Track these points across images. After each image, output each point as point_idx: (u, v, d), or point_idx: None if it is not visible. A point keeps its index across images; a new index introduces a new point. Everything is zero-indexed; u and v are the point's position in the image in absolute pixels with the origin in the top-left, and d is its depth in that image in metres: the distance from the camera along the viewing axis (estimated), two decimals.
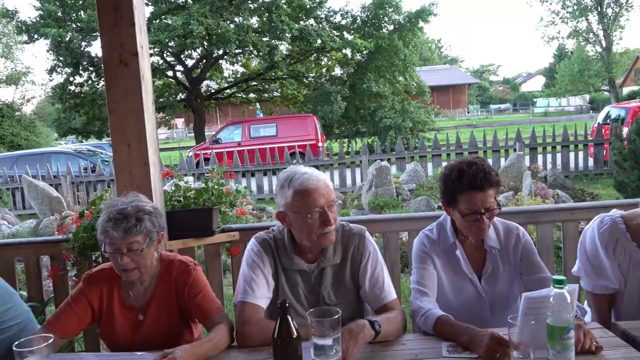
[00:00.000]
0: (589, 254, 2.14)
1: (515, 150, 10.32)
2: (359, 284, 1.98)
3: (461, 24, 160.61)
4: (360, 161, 10.80)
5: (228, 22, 16.96)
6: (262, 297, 1.88)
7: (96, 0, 2.56)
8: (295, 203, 1.84)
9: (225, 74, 21.37)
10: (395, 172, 9.70)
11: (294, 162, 11.33)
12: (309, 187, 1.82)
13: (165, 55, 18.30)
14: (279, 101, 20.82)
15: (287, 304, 1.47)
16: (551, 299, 1.50)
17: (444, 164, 10.54)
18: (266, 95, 21.05)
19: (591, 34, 33.40)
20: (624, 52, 34.90)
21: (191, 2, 16.66)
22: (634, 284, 2.07)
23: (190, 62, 19.28)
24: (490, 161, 10.73)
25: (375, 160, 9.14)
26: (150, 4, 17.32)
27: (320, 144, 14.32)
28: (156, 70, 18.03)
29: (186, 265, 1.98)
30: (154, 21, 16.93)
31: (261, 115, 23.62)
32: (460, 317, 1.90)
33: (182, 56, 18.52)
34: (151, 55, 17.84)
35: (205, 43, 16.83)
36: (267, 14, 17.02)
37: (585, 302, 2.33)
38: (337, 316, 1.48)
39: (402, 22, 18.73)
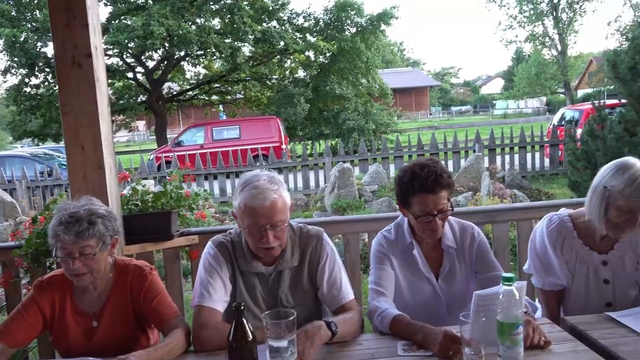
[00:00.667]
0: (538, 252, 2.21)
1: (474, 151, 10.56)
2: (317, 285, 1.99)
3: (423, 27, 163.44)
4: (324, 163, 10.84)
5: (189, 23, 16.74)
6: (220, 300, 1.87)
7: (48, 0, 2.49)
8: (239, 212, 1.85)
9: (188, 75, 21.08)
10: (358, 173, 9.78)
11: (257, 164, 11.28)
12: (252, 205, 1.80)
13: (125, 56, 17.91)
14: (242, 103, 20.68)
15: (242, 307, 1.46)
16: (500, 296, 1.55)
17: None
18: (229, 97, 20.87)
19: (547, 38, 34.54)
20: (578, 55, 36.27)
21: (151, 2, 16.38)
22: (580, 280, 2.16)
23: (151, 64, 18.94)
24: (450, 162, 11.03)
25: (339, 162, 9.19)
26: (109, 4, 16.93)
27: (283, 146, 14.31)
28: (116, 72, 17.63)
29: (142, 270, 1.94)
30: (113, 21, 16.55)
31: (224, 117, 23.41)
32: (418, 316, 1.93)
33: (142, 57, 18.16)
34: (110, 56, 17.46)
35: (167, 44, 16.57)
36: (229, 16, 16.89)
37: (537, 298, 2.41)
38: (292, 318, 1.49)
39: (365, 24, 18.93)
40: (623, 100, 7.12)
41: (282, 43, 17.45)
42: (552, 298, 2.21)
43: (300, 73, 19.87)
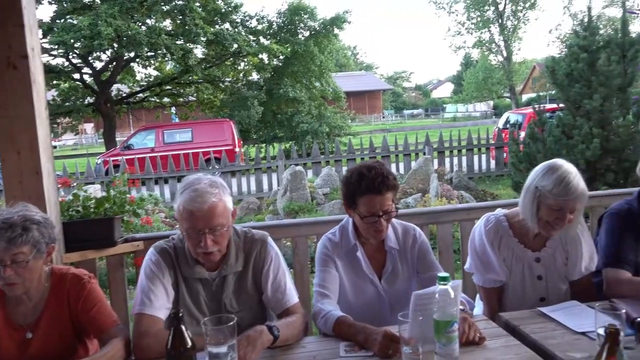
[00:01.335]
0: (477, 251, 2.30)
1: (424, 153, 10.81)
2: (261, 289, 2.00)
3: (376, 31, 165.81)
4: (277, 166, 10.83)
5: (139, 24, 16.35)
6: (161, 307, 1.84)
7: None
8: (179, 215, 1.84)
9: (138, 77, 20.56)
10: (311, 176, 9.82)
11: (210, 168, 11.15)
12: (190, 208, 1.78)
13: (70, 56, 17.29)
14: (195, 106, 20.37)
15: (180, 314, 1.45)
16: (436, 295, 1.60)
17: None
18: (181, 99, 20.50)
19: (493, 44, 35.74)
20: (522, 61, 37.71)
21: (99, 2, 15.88)
22: (516, 277, 2.26)
23: (99, 65, 18.36)
24: (401, 164, 11.25)
25: (292, 165, 9.20)
26: (53, 2, 16.30)
27: (237, 149, 14.19)
28: (61, 72, 16.99)
29: (80, 279, 1.89)
30: (58, 21, 15.95)
31: (177, 120, 22.98)
32: (361, 317, 1.97)
33: (89, 58, 17.58)
34: (55, 56, 16.82)
35: (115, 45, 16.10)
36: (180, 17, 16.61)
37: (478, 295, 2.50)
38: (232, 323, 1.49)
39: (318, 28, 19.03)
40: (561, 105, 7.47)
41: (235, 45, 17.30)
42: (492, 295, 2.30)
43: (254, 76, 19.76)
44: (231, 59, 18.79)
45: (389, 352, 1.67)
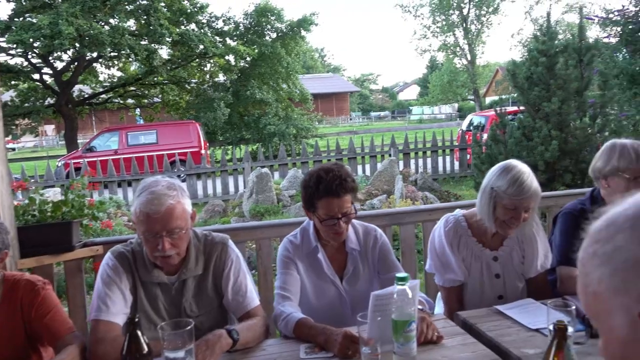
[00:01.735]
0: (437, 251, 2.34)
1: (390, 155, 10.92)
2: (222, 292, 1.98)
3: (343, 34, 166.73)
4: (243, 168, 10.76)
5: (102, 23, 16.00)
6: (118, 313, 1.80)
7: None
8: (135, 218, 1.81)
9: (101, 78, 20.11)
10: (277, 178, 9.80)
11: (175, 170, 10.99)
12: (147, 211, 1.75)
13: (30, 56, 16.77)
14: (160, 107, 20.05)
15: (136, 319, 1.43)
16: (394, 295, 1.62)
17: None
18: (146, 101, 20.16)
19: (458, 48, 36.42)
20: (485, 65, 38.58)
21: (60, 0, 15.47)
22: (475, 276, 2.31)
23: (60, 65, 17.87)
24: (368, 166, 11.33)
25: (258, 167, 9.16)
26: (11, 0, 15.79)
27: (203, 151, 14.04)
28: (20, 73, 16.47)
29: (33, 285, 1.84)
30: (17, 19, 15.45)
31: (142, 121, 22.57)
32: (323, 318, 1.98)
33: (50, 58, 17.09)
34: (13, 56, 16.29)
35: (77, 45, 15.70)
36: (144, 17, 16.32)
37: (438, 295, 2.54)
38: (189, 327, 1.48)
39: (285, 30, 19.02)
40: (522, 108, 7.67)
41: (201, 46, 17.11)
42: (451, 294, 2.35)
43: (221, 77, 19.60)
44: (197, 60, 18.59)
45: (348, 353, 1.68)
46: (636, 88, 7.26)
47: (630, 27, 7.56)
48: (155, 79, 18.24)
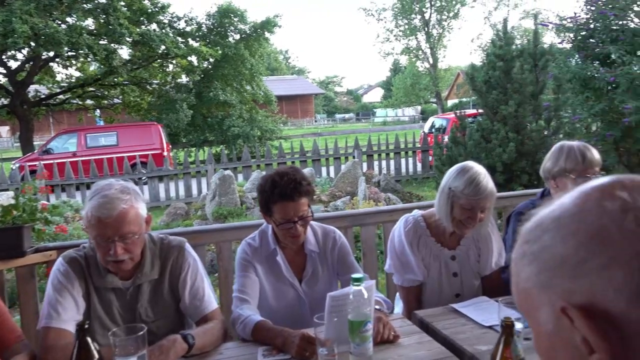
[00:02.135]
0: (397, 251, 2.37)
1: (354, 157, 11.00)
2: (179, 296, 1.96)
3: (307, 36, 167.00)
4: (206, 170, 10.64)
5: (58, 22, 15.53)
6: (70, 320, 1.75)
7: None
8: (87, 223, 1.77)
9: (58, 78, 19.52)
10: (241, 180, 9.73)
11: (135, 172, 10.78)
12: (98, 215, 1.71)
13: None
14: (121, 108, 19.62)
15: (86, 325, 1.39)
16: (350, 296, 1.63)
17: None
18: (106, 102, 19.69)
19: (420, 51, 37.04)
20: (447, 68, 39.36)
21: None
22: (434, 275, 2.35)
23: (14, 64, 17.26)
24: (332, 168, 11.38)
25: (221, 169, 9.07)
26: None
27: (165, 153, 13.80)
28: None
29: None
30: None
31: (102, 123, 22.03)
32: (283, 320, 1.98)
33: (3, 57, 16.48)
34: None
35: (32, 43, 15.19)
36: (103, 16, 15.93)
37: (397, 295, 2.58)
38: (141, 333, 1.45)
39: (248, 32, 18.93)
40: (480, 110, 7.86)
41: (162, 47, 16.82)
42: (410, 294, 2.38)
43: (183, 78, 19.33)
44: (159, 60, 18.28)
45: (306, 354, 1.69)
46: (588, 92, 7.52)
47: (582, 33, 7.83)
48: (116, 79, 17.83)
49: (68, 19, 15.90)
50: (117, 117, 20.11)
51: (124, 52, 17.45)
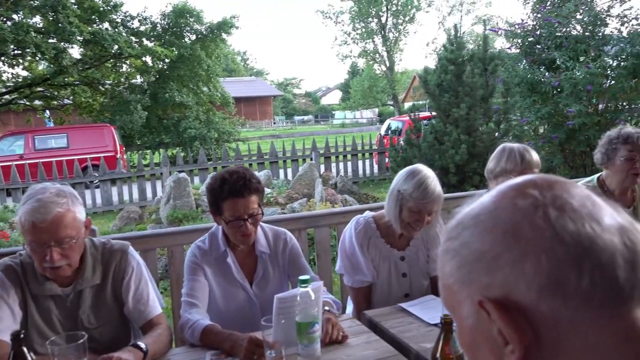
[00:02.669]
0: (347, 253, 2.40)
1: (311, 159, 11.03)
2: (122, 301, 1.91)
3: (265, 38, 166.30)
4: (161, 173, 10.43)
5: (3, 19, 14.91)
6: (6, 330, 1.68)
7: None
8: (21, 228, 1.71)
9: (4, 77, 18.72)
10: (197, 183, 9.59)
11: (86, 176, 10.46)
12: (32, 220, 1.65)
13: None
14: (72, 109, 18.99)
15: (21, 335, 1.34)
16: (298, 298, 1.64)
17: None
18: (56, 102, 19.01)
19: (377, 54, 37.51)
20: (404, 72, 40.03)
21: None
22: (383, 276, 2.39)
23: None
24: (289, 170, 11.37)
25: (180, 171, 8.91)
26: None
27: (119, 156, 13.45)
28: None
29: None
30: None
31: (51, 124, 21.25)
32: (233, 323, 1.97)
33: None
34: None
35: None
36: (52, 14, 15.39)
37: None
38: (81, 341, 1.41)
39: (205, 32, 18.69)
40: (434, 113, 8.04)
41: (115, 46, 16.39)
42: (360, 294, 2.41)
43: (138, 79, 18.90)
44: (112, 60, 17.81)
45: (254, 358, 1.69)
46: (535, 96, 7.82)
47: (529, 39, 8.14)
48: (66, 79, 17.24)
49: (14, 16, 15.28)
50: (67, 118, 19.46)
51: (75, 52, 16.94)
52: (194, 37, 18.72)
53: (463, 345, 0.62)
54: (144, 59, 17.75)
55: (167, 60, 17.93)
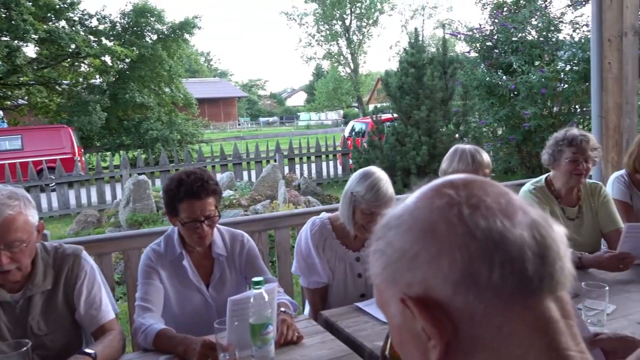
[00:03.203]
0: (303, 254, 2.40)
1: (275, 161, 11.00)
2: (74, 307, 1.87)
3: (230, 39, 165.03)
4: (121, 175, 10.21)
5: None
6: None
7: None
8: None
9: None
10: (159, 185, 9.43)
11: (42, 179, 10.13)
12: None
13: None
14: (27, 110, 18.37)
15: None
16: (251, 300, 1.64)
17: None
18: (9, 102, 18.36)
19: (342, 56, 37.79)
20: (368, 74, 40.43)
21: None
22: (339, 276, 2.40)
23: None
24: (253, 172, 11.31)
25: (140, 174, 8.73)
26: None
27: (77, 158, 13.08)
28: None
29: None
30: None
31: (5, 125, 20.50)
32: (189, 327, 1.95)
33: None
34: None
35: None
36: (5, 11, 14.88)
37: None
38: (24, 349, 1.37)
39: (166, 32, 18.42)
40: (395, 115, 8.16)
41: (73, 45, 15.98)
42: (316, 295, 2.42)
43: (97, 79, 18.45)
44: (69, 60, 17.34)
45: None
46: (493, 99, 8.04)
47: (487, 44, 8.36)
48: (20, 79, 16.70)
49: None
50: (22, 119, 18.83)
51: (30, 50, 16.46)
52: (155, 37, 18.43)
53: (395, 344, 0.63)
54: (103, 58, 17.37)
55: (127, 60, 17.59)
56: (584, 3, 8.49)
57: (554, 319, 0.54)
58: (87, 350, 1.67)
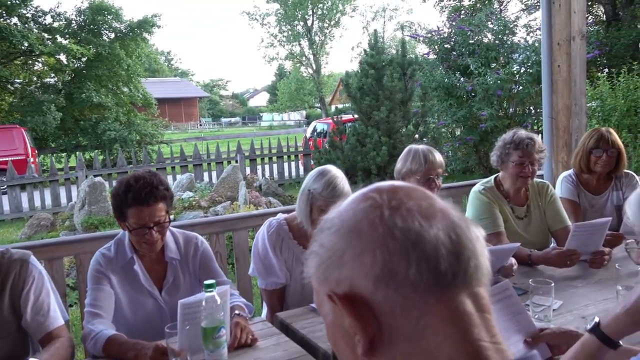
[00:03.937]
0: (260, 255, 2.39)
1: (237, 161, 10.91)
2: (20, 313, 1.80)
3: (191, 38, 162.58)
4: (77, 177, 9.91)
5: None
6: None
7: None
8: None
9: None
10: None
11: None
12: None
13: None
14: None
15: None
16: (203, 303, 1.62)
17: (169, 177, 10.47)
18: None
19: (304, 57, 37.80)
20: (330, 75, 40.62)
21: None
22: (297, 277, 2.40)
23: None
24: (214, 173, 11.18)
25: (96, 175, 8.49)
26: None
27: (30, 159, 12.63)
28: None
29: None
30: None
31: None
32: (141, 332, 1.90)
33: None
34: None
35: None
36: None
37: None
38: None
39: (124, 30, 18.00)
40: (356, 116, 8.22)
41: (25, 43, 15.43)
42: (273, 296, 2.41)
43: (51, 78, 17.86)
44: (21, 58, 16.72)
45: None
46: (451, 100, 8.21)
47: (445, 46, 8.53)
48: None
49: None
50: None
51: None
52: (112, 35, 17.98)
53: (330, 342, 0.66)
54: (58, 57, 16.83)
55: (83, 59, 17.10)
56: (537, 7, 8.78)
57: (467, 312, 0.57)
58: (32, 359, 1.62)
